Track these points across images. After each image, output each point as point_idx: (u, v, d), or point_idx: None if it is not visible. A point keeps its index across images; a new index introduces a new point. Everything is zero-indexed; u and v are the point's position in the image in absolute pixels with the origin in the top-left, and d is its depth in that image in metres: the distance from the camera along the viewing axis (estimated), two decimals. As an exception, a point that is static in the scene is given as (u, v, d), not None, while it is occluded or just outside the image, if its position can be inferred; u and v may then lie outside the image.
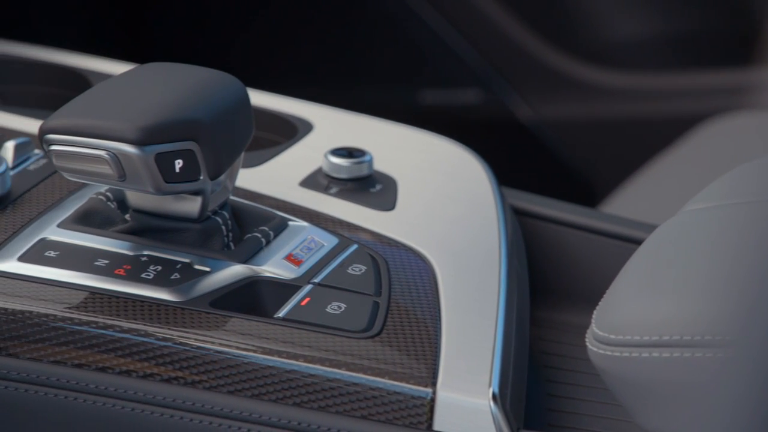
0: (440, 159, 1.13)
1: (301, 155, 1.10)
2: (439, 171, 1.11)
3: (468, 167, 1.12)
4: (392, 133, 1.15)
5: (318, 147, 1.10)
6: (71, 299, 0.93)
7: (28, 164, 1.05)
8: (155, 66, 0.97)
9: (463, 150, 1.14)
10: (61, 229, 0.97)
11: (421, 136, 1.15)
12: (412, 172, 1.09)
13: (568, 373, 1.04)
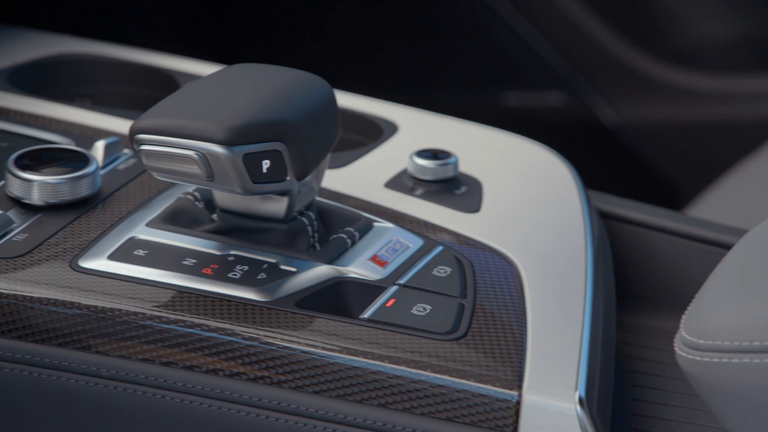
0: (525, 161, 1.12)
1: (386, 156, 1.10)
2: (525, 173, 1.10)
3: (553, 169, 1.12)
4: (477, 135, 1.15)
5: (403, 148, 1.10)
6: (159, 298, 0.94)
7: (118, 164, 1.06)
8: (244, 67, 0.98)
9: (549, 152, 1.14)
10: (149, 228, 0.98)
11: (507, 138, 1.15)
12: (497, 173, 1.09)
13: (655, 378, 1.04)
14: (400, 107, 1.17)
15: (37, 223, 0.99)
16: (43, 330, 0.93)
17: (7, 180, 1.00)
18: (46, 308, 0.93)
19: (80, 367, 0.93)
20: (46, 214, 0.99)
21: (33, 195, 0.99)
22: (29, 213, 0.99)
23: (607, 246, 1.08)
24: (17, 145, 1.05)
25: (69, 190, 1.00)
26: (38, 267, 0.95)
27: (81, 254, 0.96)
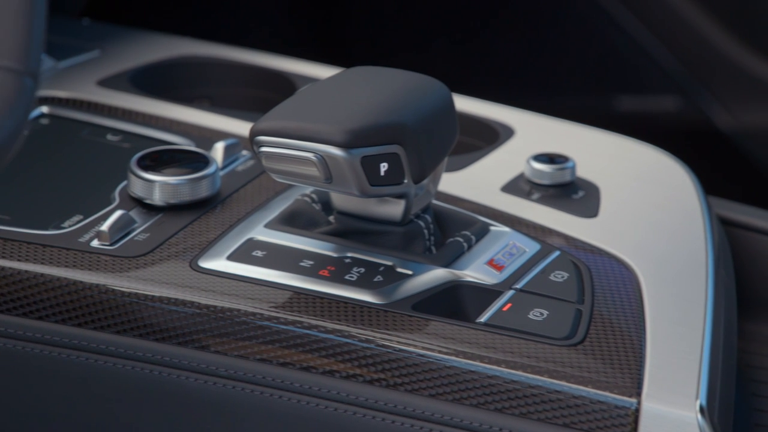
0: (644, 166, 1.11)
1: (502, 160, 1.10)
2: (643, 178, 1.09)
3: (672, 174, 1.10)
4: (594, 139, 1.14)
5: (520, 152, 1.10)
6: (277, 299, 0.94)
7: (237, 165, 1.07)
8: (362, 70, 0.98)
9: (668, 157, 1.13)
10: (267, 230, 0.99)
11: (624, 142, 1.14)
12: (615, 179, 1.08)
13: (777, 388, 1.02)
14: (516, 111, 1.17)
15: (158, 223, 1.00)
16: (164, 329, 0.94)
17: (130, 180, 1.01)
18: (166, 307, 0.94)
19: (199, 366, 0.94)
20: (166, 215, 1.01)
21: (154, 195, 1.01)
22: (150, 213, 1.01)
23: (727, 253, 1.07)
24: (139, 146, 1.06)
25: (189, 190, 1.01)
26: (159, 266, 0.96)
27: (200, 254, 0.97)
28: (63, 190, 1.03)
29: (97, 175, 1.05)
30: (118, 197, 1.02)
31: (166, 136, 1.10)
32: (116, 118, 1.12)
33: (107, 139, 1.10)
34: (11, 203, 1.01)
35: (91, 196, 1.02)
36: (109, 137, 1.10)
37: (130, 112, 1.13)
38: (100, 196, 1.02)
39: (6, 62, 0.74)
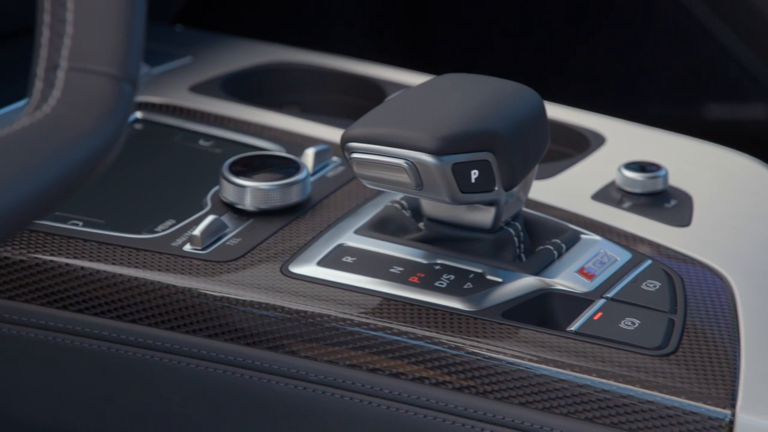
0: (737, 175, 1.10)
1: (593, 168, 1.10)
2: (737, 187, 1.08)
3: (765, 183, 1.09)
4: (686, 148, 1.13)
5: (610, 160, 1.09)
6: (367, 305, 0.95)
7: (327, 171, 1.08)
8: (453, 77, 0.99)
9: (760, 165, 1.11)
10: (357, 236, 1.00)
11: (716, 150, 1.13)
12: (707, 187, 1.07)
13: None
14: (606, 118, 1.16)
15: (249, 228, 1.01)
16: (254, 333, 0.95)
17: (221, 186, 1.02)
18: (257, 312, 0.95)
19: (289, 371, 0.94)
20: (257, 220, 1.01)
21: (246, 201, 1.02)
22: (242, 218, 1.01)
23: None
24: (230, 152, 1.07)
25: (280, 196, 1.02)
26: (250, 271, 0.97)
27: (291, 259, 0.98)
28: (156, 194, 1.04)
29: (189, 179, 1.06)
30: (209, 202, 1.03)
31: (257, 141, 1.11)
32: (208, 124, 1.13)
33: (199, 144, 1.11)
34: (106, 207, 1.02)
35: (184, 201, 1.03)
36: (201, 142, 1.11)
37: (221, 117, 1.14)
38: (192, 200, 1.03)
39: (106, 69, 0.75)
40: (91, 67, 0.75)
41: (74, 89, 0.75)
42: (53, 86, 0.75)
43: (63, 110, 0.74)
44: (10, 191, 0.70)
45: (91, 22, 0.76)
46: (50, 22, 0.75)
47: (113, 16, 0.76)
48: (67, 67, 0.75)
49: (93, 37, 0.76)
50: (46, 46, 0.75)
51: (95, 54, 0.75)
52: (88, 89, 0.75)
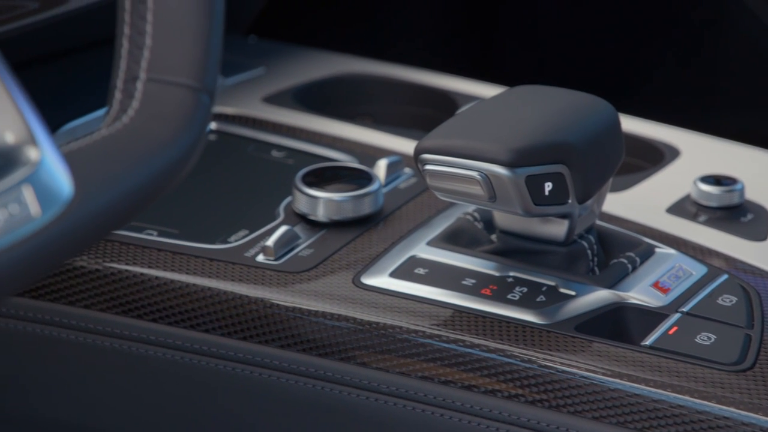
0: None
1: (668, 181, 1.09)
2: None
3: None
4: (763, 161, 1.12)
5: (686, 173, 1.08)
6: (438, 316, 0.94)
7: (399, 182, 1.07)
8: (526, 89, 0.98)
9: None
10: (430, 247, 0.99)
11: (793, 164, 1.12)
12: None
13: None
14: (681, 131, 1.15)
15: (321, 239, 1.01)
16: (326, 344, 0.95)
17: (294, 196, 1.02)
18: (329, 323, 0.95)
19: (361, 383, 0.94)
20: (330, 231, 1.02)
21: (318, 211, 1.02)
22: (314, 229, 1.02)
23: None
24: (303, 163, 1.07)
25: (352, 207, 1.02)
26: (322, 282, 0.97)
27: (363, 271, 0.98)
28: (229, 204, 1.05)
29: (261, 190, 1.07)
30: (282, 213, 1.03)
31: (329, 152, 1.11)
32: (281, 135, 1.13)
33: (272, 155, 1.11)
34: (180, 217, 1.03)
35: (257, 212, 1.03)
36: (273, 153, 1.11)
37: (294, 128, 1.14)
38: (265, 211, 1.03)
39: (185, 80, 0.76)
40: (170, 79, 0.76)
41: (153, 100, 0.75)
42: (132, 97, 0.75)
43: (142, 121, 0.74)
44: (90, 201, 0.70)
45: (169, 33, 0.76)
46: (130, 34, 0.76)
47: (192, 28, 0.77)
48: (146, 78, 0.75)
49: (172, 48, 0.76)
50: (125, 57, 0.76)
51: (174, 65, 0.76)
52: (167, 100, 0.75)
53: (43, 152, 0.68)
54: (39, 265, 0.68)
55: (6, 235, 0.65)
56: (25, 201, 0.67)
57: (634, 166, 1.12)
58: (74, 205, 0.69)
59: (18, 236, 0.66)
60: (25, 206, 0.67)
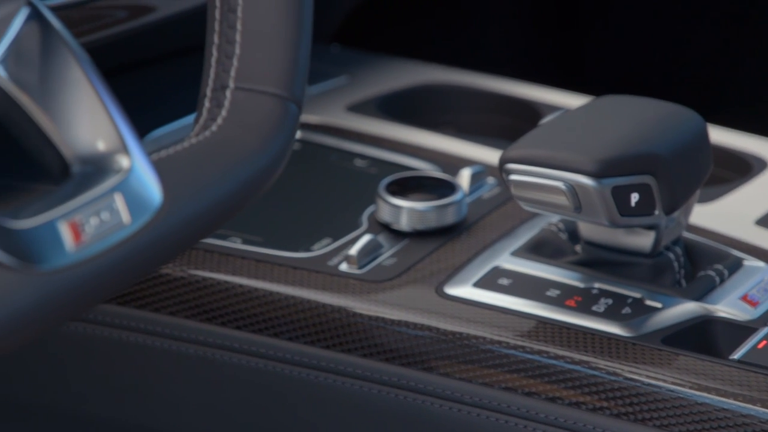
0: None
1: (756, 193, 1.07)
2: None
3: None
4: None
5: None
6: (522, 327, 0.94)
7: (483, 192, 1.07)
8: (612, 99, 0.97)
9: None
10: (514, 258, 0.99)
11: None
12: None
13: None
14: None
15: (404, 248, 1.01)
16: (409, 354, 0.94)
17: (378, 206, 1.02)
18: (412, 332, 0.94)
19: (444, 393, 0.94)
20: (413, 240, 1.01)
21: (401, 221, 1.01)
22: (397, 238, 1.01)
23: None
24: (386, 172, 1.07)
25: (436, 217, 1.02)
26: (405, 291, 0.97)
27: (446, 281, 0.97)
28: (312, 213, 1.05)
29: (345, 199, 1.06)
30: (365, 222, 1.03)
31: (412, 161, 1.11)
32: (364, 143, 1.13)
33: (355, 163, 1.11)
34: (264, 225, 1.03)
35: (340, 220, 1.03)
36: (357, 162, 1.11)
37: (377, 137, 1.14)
38: (347, 220, 1.03)
39: (273, 89, 0.76)
40: (258, 88, 0.76)
41: (241, 109, 0.75)
42: (221, 106, 0.75)
43: (230, 130, 0.75)
44: (179, 209, 0.71)
45: (259, 43, 0.76)
46: (219, 43, 0.76)
47: (280, 37, 0.77)
48: (235, 87, 0.75)
49: (261, 57, 0.76)
50: (214, 66, 0.76)
51: (262, 74, 0.76)
52: (255, 109, 0.76)
53: (134, 160, 0.69)
54: (129, 272, 0.68)
55: (97, 242, 0.66)
56: (116, 208, 0.67)
57: (721, 177, 1.11)
58: (163, 214, 0.69)
59: (109, 243, 0.66)
60: (116, 214, 0.67)
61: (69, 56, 0.69)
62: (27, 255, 0.62)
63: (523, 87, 1.21)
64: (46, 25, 0.69)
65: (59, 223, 0.64)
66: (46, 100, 0.68)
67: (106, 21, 1.00)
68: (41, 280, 0.62)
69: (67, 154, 0.68)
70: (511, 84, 1.22)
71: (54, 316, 0.63)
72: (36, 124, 0.68)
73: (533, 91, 1.21)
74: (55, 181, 0.68)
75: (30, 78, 0.68)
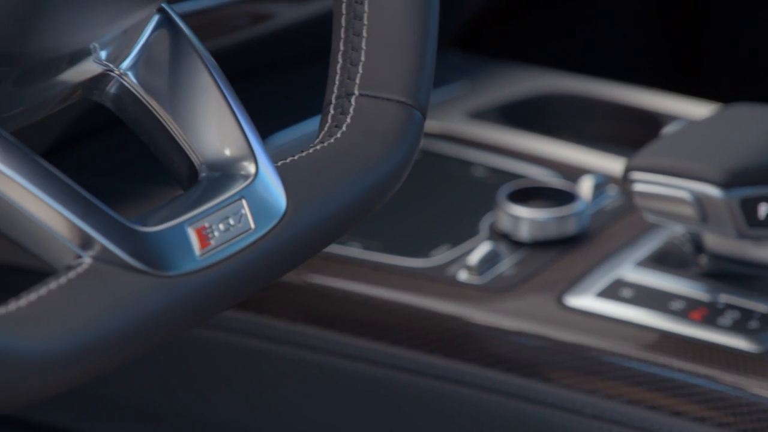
0: None
1: None
2: None
3: None
4: None
5: None
6: (645, 340, 0.92)
7: (604, 202, 1.05)
8: (740, 108, 0.96)
9: None
10: (636, 269, 0.97)
11: None
12: None
13: None
14: None
15: (524, 258, 0.99)
16: (529, 365, 0.93)
17: (497, 215, 1.01)
18: (532, 343, 0.93)
19: (564, 404, 0.92)
20: (533, 250, 1.00)
21: (522, 231, 1.00)
22: (516, 248, 1.00)
23: None
24: (506, 180, 1.06)
25: (557, 227, 1.00)
26: (525, 301, 0.96)
27: (567, 291, 0.96)
28: (431, 220, 1.04)
29: (464, 207, 1.06)
30: (484, 230, 1.02)
31: (532, 170, 1.10)
32: (483, 150, 1.12)
33: (475, 171, 1.10)
34: (383, 230, 1.02)
35: (458, 228, 1.02)
36: (476, 169, 1.10)
37: (497, 145, 1.13)
38: (466, 227, 1.02)
39: (398, 96, 0.75)
40: (383, 95, 0.75)
41: (366, 116, 0.75)
42: (345, 113, 0.75)
43: (354, 137, 0.74)
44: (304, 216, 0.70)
45: (384, 49, 0.76)
46: (344, 50, 0.76)
47: (406, 44, 0.76)
48: (359, 94, 0.75)
49: (386, 64, 0.76)
50: (339, 73, 0.76)
51: (388, 81, 0.75)
52: (380, 116, 0.75)
53: (260, 166, 0.68)
54: (254, 279, 0.68)
55: (224, 248, 0.65)
56: (242, 214, 0.67)
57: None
58: (288, 220, 0.69)
59: (235, 249, 0.66)
60: (243, 219, 0.67)
61: (198, 62, 0.69)
62: (156, 259, 0.62)
63: (642, 94, 1.20)
64: (176, 32, 0.69)
65: (188, 228, 0.64)
66: (175, 106, 0.68)
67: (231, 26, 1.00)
68: (171, 285, 0.62)
69: (196, 160, 0.68)
70: (631, 91, 1.20)
71: (182, 320, 0.63)
72: (166, 130, 0.68)
73: (652, 98, 1.19)
74: (182, 187, 0.69)
75: (160, 84, 0.68)
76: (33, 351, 0.57)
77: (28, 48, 0.61)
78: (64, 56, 0.64)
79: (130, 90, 0.68)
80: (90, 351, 0.59)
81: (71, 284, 0.59)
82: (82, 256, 0.60)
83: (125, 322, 0.60)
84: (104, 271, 0.60)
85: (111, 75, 0.68)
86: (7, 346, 0.56)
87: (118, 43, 0.67)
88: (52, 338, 0.57)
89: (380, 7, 0.76)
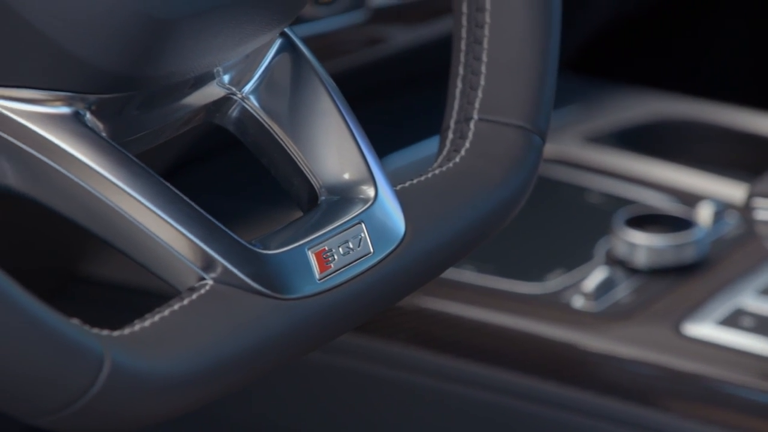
0: None
1: None
2: None
3: None
4: None
5: None
6: (766, 371, 0.90)
7: (723, 230, 1.04)
8: None
9: None
10: (758, 298, 0.95)
11: None
12: None
13: None
14: None
15: (641, 285, 0.98)
16: (646, 393, 0.92)
17: (613, 241, 1.00)
18: (649, 372, 0.92)
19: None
20: (650, 277, 0.98)
21: (638, 257, 0.99)
22: (633, 275, 0.99)
23: None
24: (621, 205, 1.05)
25: (674, 255, 0.99)
26: (641, 329, 0.94)
27: (685, 319, 0.94)
28: (545, 244, 1.03)
29: (579, 232, 1.04)
30: (599, 256, 1.01)
31: (649, 196, 1.08)
32: (599, 175, 1.11)
33: (590, 196, 1.09)
34: (496, 253, 1.01)
35: (573, 254, 1.01)
36: (591, 194, 1.09)
37: (612, 170, 1.11)
38: (581, 254, 1.01)
39: (517, 121, 0.75)
40: (503, 120, 0.75)
41: (485, 141, 0.74)
42: (464, 138, 0.74)
43: (473, 162, 0.74)
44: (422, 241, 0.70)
45: (504, 74, 0.75)
46: (464, 75, 0.75)
47: (526, 68, 0.76)
48: (479, 119, 0.74)
49: (505, 89, 0.75)
50: (458, 98, 0.75)
51: (507, 106, 0.75)
52: (499, 141, 0.74)
53: (379, 190, 0.68)
54: (373, 303, 0.68)
55: (343, 271, 0.65)
56: (361, 238, 0.67)
57: None
58: (406, 244, 0.69)
59: (353, 273, 0.66)
60: (362, 243, 0.67)
61: (319, 86, 0.69)
62: (277, 282, 0.62)
63: (763, 119, 1.17)
64: (298, 56, 0.69)
65: (308, 252, 0.64)
66: (296, 129, 0.68)
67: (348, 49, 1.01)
68: (291, 308, 0.62)
69: (316, 183, 0.68)
70: (752, 116, 1.18)
71: (302, 344, 0.63)
72: (286, 153, 0.68)
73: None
74: (302, 209, 0.69)
75: (281, 107, 0.68)
76: (157, 372, 0.57)
77: (155, 73, 0.62)
78: (189, 80, 0.65)
79: (252, 113, 0.68)
80: (212, 373, 0.59)
81: (194, 306, 0.59)
82: (204, 278, 0.60)
83: (247, 345, 0.60)
84: (226, 293, 0.60)
85: (233, 98, 0.68)
86: (130, 366, 0.56)
87: (241, 67, 0.67)
88: (176, 359, 0.57)
89: (500, 31, 0.75)
